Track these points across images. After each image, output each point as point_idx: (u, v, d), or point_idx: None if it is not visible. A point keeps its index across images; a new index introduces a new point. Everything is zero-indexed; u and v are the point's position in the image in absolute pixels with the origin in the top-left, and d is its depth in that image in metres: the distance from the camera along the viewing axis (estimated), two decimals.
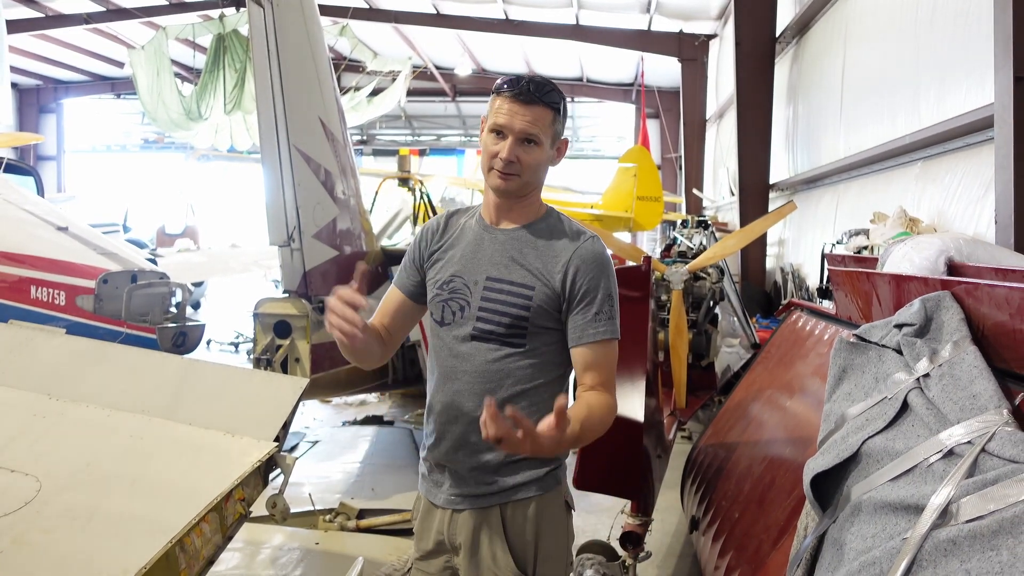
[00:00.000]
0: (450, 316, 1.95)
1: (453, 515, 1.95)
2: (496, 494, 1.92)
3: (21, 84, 24.51)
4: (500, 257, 1.93)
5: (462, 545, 1.94)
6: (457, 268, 1.97)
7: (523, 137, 1.85)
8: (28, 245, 4.66)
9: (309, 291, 4.03)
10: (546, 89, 1.87)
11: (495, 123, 1.86)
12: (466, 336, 1.92)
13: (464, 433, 1.92)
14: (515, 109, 1.84)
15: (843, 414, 2.14)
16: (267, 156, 3.76)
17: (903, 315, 2.14)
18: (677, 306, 4.95)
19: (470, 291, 1.93)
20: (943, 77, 6.19)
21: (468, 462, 1.93)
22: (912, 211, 6.21)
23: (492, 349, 1.90)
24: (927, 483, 1.61)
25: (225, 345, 10.95)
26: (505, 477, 1.92)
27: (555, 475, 1.97)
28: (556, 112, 1.89)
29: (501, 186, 1.88)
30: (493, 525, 1.91)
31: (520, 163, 1.86)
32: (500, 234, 1.96)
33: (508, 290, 1.90)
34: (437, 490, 1.99)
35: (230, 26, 14.93)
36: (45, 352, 2.85)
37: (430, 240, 2.06)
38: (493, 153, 1.87)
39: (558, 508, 1.98)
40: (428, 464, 2.03)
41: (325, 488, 4.80)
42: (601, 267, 1.92)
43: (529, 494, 1.92)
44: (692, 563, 3.93)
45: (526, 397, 1.91)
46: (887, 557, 1.57)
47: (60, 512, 2.12)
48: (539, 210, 1.99)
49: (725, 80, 16.22)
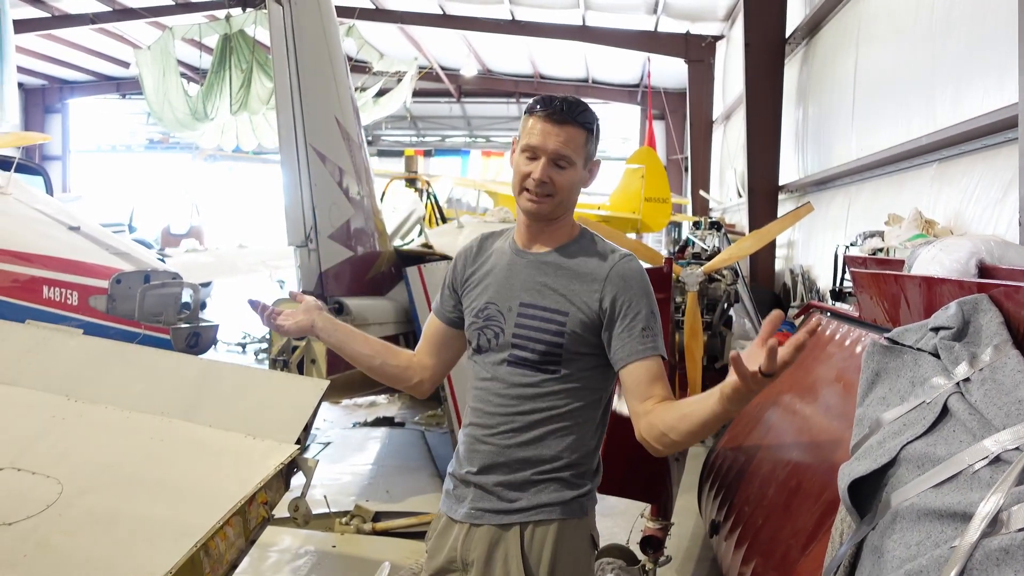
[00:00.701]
0: (486, 343, 1.94)
1: (471, 530, 1.91)
2: (518, 512, 1.87)
3: (27, 84, 24.55)
4: (532, 282, 1.90)
5: (475, 562, 1.88)
6: (491, 295, 1.95)
7: (556, 158, 1.81)
8: (41, 245, 4.64)
9: (325, 292, 4.01)
10: (579, 109, 1.84)
11: (527, 144, 1.83)
12: (501, 362, 1.90)
13: (493, 454, 1.90)
14: (548, 129, 1.81)
15: (878, 419, 2.10)
16: (286, 156, 3.74)
17: (939, 318, 2.10)
18: (692, 308, 4.91)
19: (504, 318, 1.91)
20: (960, 78, 6.16)
21: (498, 478, 1.90)
22: (928, 213, 6.17)
23: (527, 375, 1.88)
24: (973, 490, 1.58)
25: (232, 345, 10.94)
26: (530, 496, 1.87)
27: (581, 503, 1.90)
28: (589, 132, 1.86)
29: (533, 209, 1.86)
30: (511, 544, 1.86)
31: (553, 184, 1.83)
32: (533, 258, 1.93)
33: (541, 316, 1.87)
34: (458, 505, 1.95)
35: (236, 27, 14.94)
36: (63, 353, 2.82)
37: (464, 265, 2.04)
38: (525, 174, 1.84)
39: (581, 539, 1.91)
40: (454, 481, 1.99)
41: (339, 490, 4.77)
42: (640, 285, 1.88)
43: (552, 516, 1.86)
44: (711, 567, 3.90)
45: (560, 420, 1.88)
46: (934, 566, 1.53)
47: (83, 515, 2.10)
48: (572, 231, 1.96)
49: (732, 81, 16.20)
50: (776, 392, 4.00)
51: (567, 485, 1.88)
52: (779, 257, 12.04)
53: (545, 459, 1.87)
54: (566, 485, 1.88)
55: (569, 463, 1.88)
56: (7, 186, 5.17)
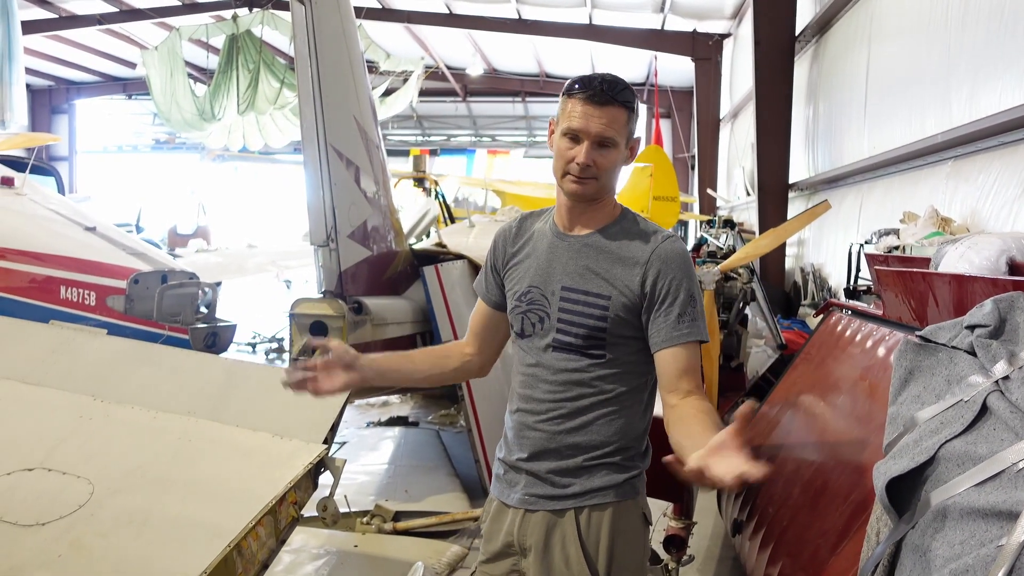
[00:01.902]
0: (530, 328, 1.92)
1: (526, 515, 1.91)
2: (572, 497, 1.87)
3: (34, 85, 24.59)
4: (574, 266, 1.89)
5: (532, 547, 1.90)
6: (533, 279, 1.93)
7: (599, 141, 1.79)
8: (57, 245, 4.65)
9: (344, 291, 4.01)
10: (619, 88, 1.82)
11: (569, 127, 1.81)
12: (546, 347, 1.89)
13: (543, 440, 1.89)
14: (589, 111, 1.78)
15: (912, 417, 2.08)
16: (308, 156, 3.73)
17: (974, 316, 2.09)
18: (709, 307, 4.89)
19: (548, 302, 1.89)
20: (976, 74, 6.12)
21: (548, 464, 1.90)
22: (943, 211, 6.14)
23: (573, 359, 1.87)
24: (1019, 488, 1.56)
25: (243, 345, 10.93)
26: (583, 480, 1.87)
27: (633, 484, 1.92)
28: (630, 111, 1.84)
29: (578, 191, 1.84)
30: (567, 528, 1.87)
31: (597, 167, 1.81)
32: (575, 241, 1.91)
33: (584, 300, 1.86)
34: (511, 490, 1.95)
35: (243, 27, 14.95)
36: (87, 353, 2.82)
37: (505, 246, 2.03)
38: (569, 158, 1.82)
39: (635, 518, 1.93)
40: (504, 466, 1.99)
41: (357, 490, 4.76)
42: (682, 267, 1.86)
43: (607, 500, 1.87)
44: (733, 567, 3.89)
45: (607, 405, 1.88)
46: (981, 565, 1.52)
47: (115, 515, 2.10)
48: (613, 212, 1.93)
49: (739, 79, 16.16)
50: (797, 392, 3.98)
51: (618, 469, 1.88)
52: (789, 256, 12.00)
53: (595, 444, 1.87)
54: (617, 469, 1.88)
55: (619, 447, 1.89)
56: (22, 187, 5.18)
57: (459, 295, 4.71)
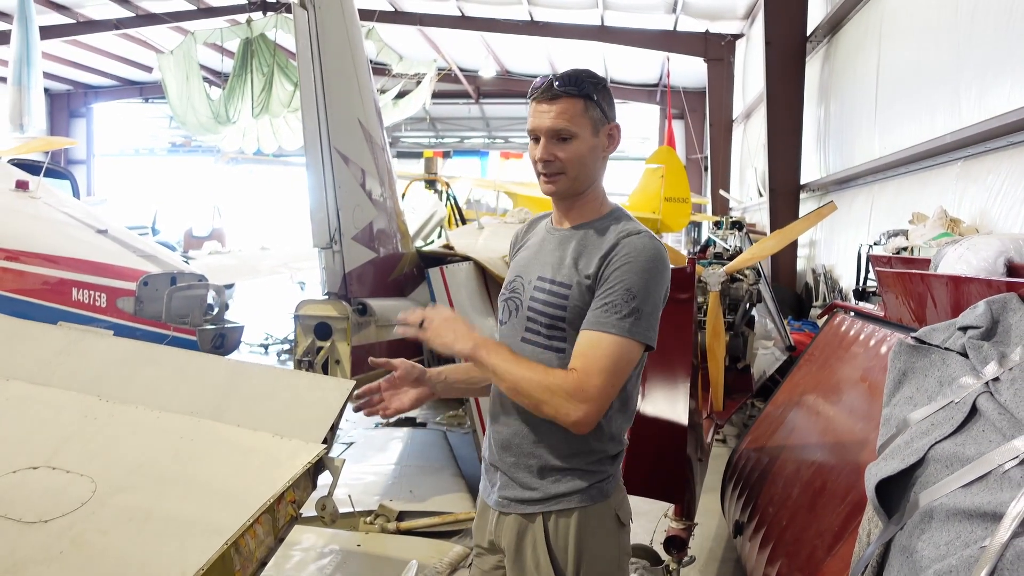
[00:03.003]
0: (506, 315, 1.95)
1: (500, 517, 1.94)
2: (539, 501, 1.87)
3: (52, 89, 24.90)
4: (551, 257, 1.91)
5: (506, 549, 1.92)
6: (520, 269, 1.97)
7: (554, 134, 1.82)
8: (69, 248, 4.71)
9: (349, 293, 4.05)
10: (570, 80, 1.83)
11: (528, 129, 1.87)
12: (521, 338, 1.90)
13: (510, 435, 1.91)
14: (541, 109, 1.84)
15: (905, 418, 2.09)
16: (311, 158, 3.77)
17: (967, 317, 2.09)
18: (714, 308, 4.88)
19: (524, 290, 1.92)
20: (985, 74, 6.08)
21: (513, 462, 1.91)
22: (952, 211, 6.10)
23: (539, 352, 1.86)
24: (1004, 490, 1.57)
25: (255, 347, 11.02)
26: (548, 484, 1.87)
27: (601, 488, 1.89)
28: (587, 99, 1.83)
29: (549, 190, 1.88)
30: (537, 533, 1.87)
31: (560, 161, 1.83)
32: (560, 234, 1.94)
33: (550, 289, 1.86)
34: (490, 490, 1.98)
35: (257, 30, 15.07)
36: (94, 354, 2.87)
37: (515, 243, 2.10)
38: (534, 159, 1.87)
39: (606, 521, 1.90)
40: (485, 464, 2.03)
41: (363, 490, 4.80)
42: (634, 261, 1.77)
43: (572, 505, 1.86)
44: (735, 568, 3.89)
45: None
46: (964, 566, 1.53)
47: (116, 513, 2.13)
48: (600, 209, 1.93)
49: (752, 80, 16.09)
50: (800, 392, 3.98)
51: (582, 475, 1.86)
52: (801, 257, 11.94)
53: (555, 447, 1.86)
54: (581, 475, 1.86)
55: (582, 451, 1.86)
56: (36, 190, 5.26)
57: (464, 297, 4.72)
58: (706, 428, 4.39)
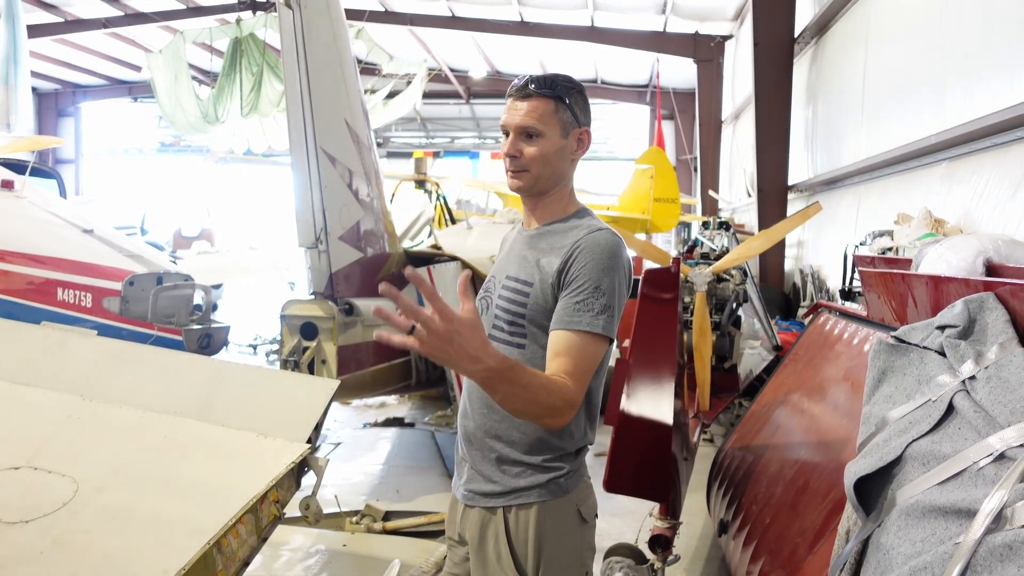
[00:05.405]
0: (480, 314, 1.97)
1: (466, 510, 1.97)
2: (499, 495, 1.90)
3: (40, 88, 24.76)
4: (517, 256, 1.95)
5: (470, 541, 1.95)
6: (495, 269, 2.02)
7: (522, 131, 1.86)
8: (55, 247, 4.68)
9: (335, 293, 4.04)
10: (545, 82, 1.89)
11: (500, 124, 1.92)
12: (490, 335, 1.90)
13: (474, 428, 1.94)
14: (514, 107, 1.89)
15: (884, 417, 2.11)
16: (296, 158, 3.77)
17: (945, 317, 2.11)
18: (701, 308, 4.91)
19: (494, 290, 1.96)
20: (970, 76, 6.13)
21: (477, 456, 1.94)
22: (937, 212, 6.14)
23: (501, 348, 1.86)
24: (978, 487, 1.59)
25: (244, 347, 10.99)
26: (507, 478, 1.89)
27: (560, 483, 1.88)
28: (559, 100, 1.89)
29: (513, 185, 1.91)
30: (498, 526, 1.89)
31: (525, 157, 1.86)
32: (527, 233, 1.98)
33: (513, 287, 1.90)
34: (459, 482, 2.02)
35: (247, 30, 15.03)
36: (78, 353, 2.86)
37: (501, 247, 2.14)
38: (502, 153, 1.91)
39: (567, 516, 1.89)
40: (457, 458, 2.06)
41: (350, 490, 4.80)
42: (599, 258, 1.79)
43: (531, 500, 1.87)
44: (720, 567, 3.90)
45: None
46: (939, 562, 1.54)
47: (98, 513, 2.13)
48: (566, 209, 1.95)
49: (741, 81, 16.15)
50: (785, 391, 4.01)
51: (541, 470, 1.87)
52: (789, 257, 12.00)
53: (515, 441, 1.88)
54: (540, 470, 1.87)
55: (540, 446, 1.87)
56: (22, 190, 5.23)
57: (452, 297, 4.71)
58: (693, 427, 4.41)
